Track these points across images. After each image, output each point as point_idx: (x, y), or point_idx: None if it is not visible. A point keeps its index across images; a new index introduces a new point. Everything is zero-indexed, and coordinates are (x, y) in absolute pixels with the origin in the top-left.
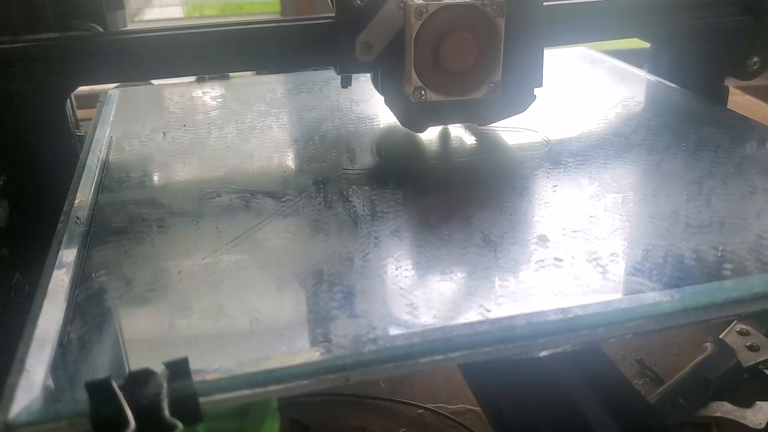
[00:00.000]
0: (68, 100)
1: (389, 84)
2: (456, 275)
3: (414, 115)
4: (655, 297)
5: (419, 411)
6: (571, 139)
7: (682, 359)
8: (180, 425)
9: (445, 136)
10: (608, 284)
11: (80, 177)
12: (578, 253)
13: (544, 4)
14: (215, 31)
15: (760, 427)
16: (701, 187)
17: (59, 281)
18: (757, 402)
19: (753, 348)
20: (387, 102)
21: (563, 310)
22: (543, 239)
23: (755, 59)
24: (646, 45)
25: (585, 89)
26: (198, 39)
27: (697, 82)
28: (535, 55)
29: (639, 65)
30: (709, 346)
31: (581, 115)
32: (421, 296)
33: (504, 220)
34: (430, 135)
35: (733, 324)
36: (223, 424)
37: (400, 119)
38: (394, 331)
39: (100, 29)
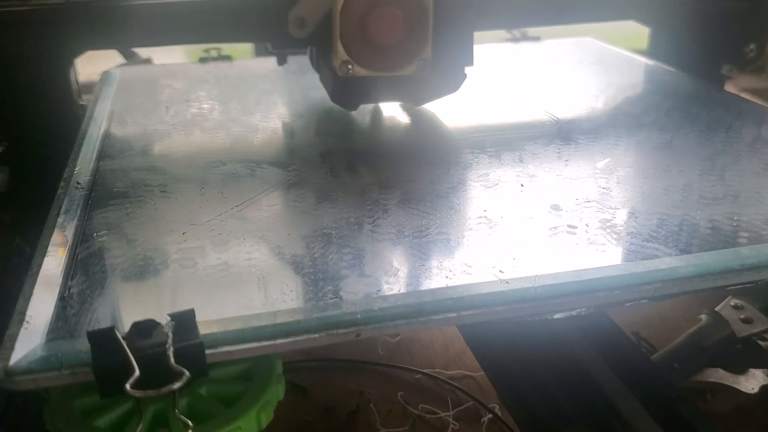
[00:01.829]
0: (72, 70)
1: (322, 60)
2: (469, 240)
3: (343, 91)
4: (672, 262)
5: (417, 376)
6: (581, 119)
7: (678, 333)
8: (187, 372)
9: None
10: (623, 250)
11: (81, 145)
12: (592, 221)
13: None
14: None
15: (752, 392)
16: (714, 163)
17: (59, 240)
18: (751, 369)
19: (747, 321)
20: (321, 79)
21: (578, 272)
22: (556, 208)
23: (752, 46)
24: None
25: (592, 75)
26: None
27: (695, 68)
28: (466, 34)
29: None
30: (704, 317)
31: (589, 98)
32: (434, 259)
33: (516, 191)
34: (441, 113)
35: (727, 299)
36: (228, 387)
37: (330, 95)
38: (405, 289)
39: None
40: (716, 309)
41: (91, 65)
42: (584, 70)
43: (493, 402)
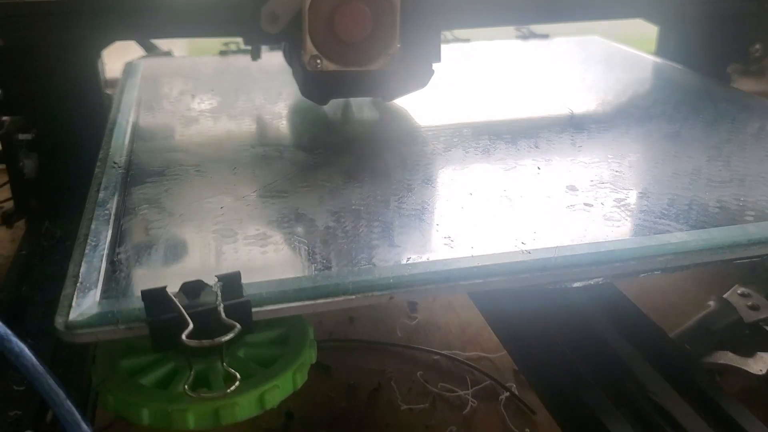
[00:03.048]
0: (99, 60)
1: (294, 55)
2: (490, 216)
3: (313, 85)
4: (683, 236)
5: (435, 357)
6: (592, 110)
7: (686, 319)
8: (238, 325)
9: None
10: (636, 225)
11: (113, 129)
12: (606, 200)
13: None
14: None
15: (760, 373)
16: (721, 150)
17: (103, 214)
18: (758, 352)
19: (754, 307)
20: (293, 74)
21: (595, 245)
22: (572, 188)
23: (758, 46)
24: None
25: (600, 70)
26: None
27: (702, 67)
28: (433, 31)
29: None
30: (712, 304)
31: (599, 92)
32: (458, 232)
33: (533, 173)
34: (455, 103)
35: (734, 287)
36: (265, 351)
37: (300, 89)
38: (432, 258)
39: None
40: (724, 296)
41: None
42: (592, 66)
43: (510, 381)
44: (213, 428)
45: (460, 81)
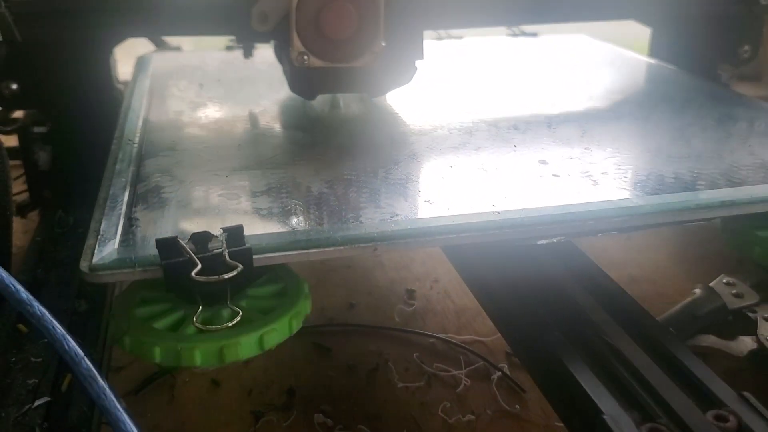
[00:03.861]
0: (111, 56)
1: (283, 53)
2: (468, 184)
3: (300, 81)
4: (638, 200)
5: (431, 340)
6: (571, 98)
7: (673, 306)
8: (240, 266)
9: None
10: (598, 192)
11: (127, 113)
12: (573, 171)
13: None
14: None
15: (741, 355)
16: (684, 132)
17: (119, 181)
18: (740, 336)
19: (738, 295)
20: (283, 71)
21: (558, 207)
22: (543, 162)
23: (746, 47)
24: None
25: (582, 65)
26: None
27: (692, 67)
28: (416, 29)
29: None
30: (697, 291)
31: (580, 82)
32: (438, 197)
33: (510, 150)
34: (443, 92)
35: (720, 276)
36: (265, 302)
37: (289, 85)
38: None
39: None
40: (710, 285)
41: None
42: (575, 60)
43: (502, 363)
44: (218, 366)
45: (450, 74)
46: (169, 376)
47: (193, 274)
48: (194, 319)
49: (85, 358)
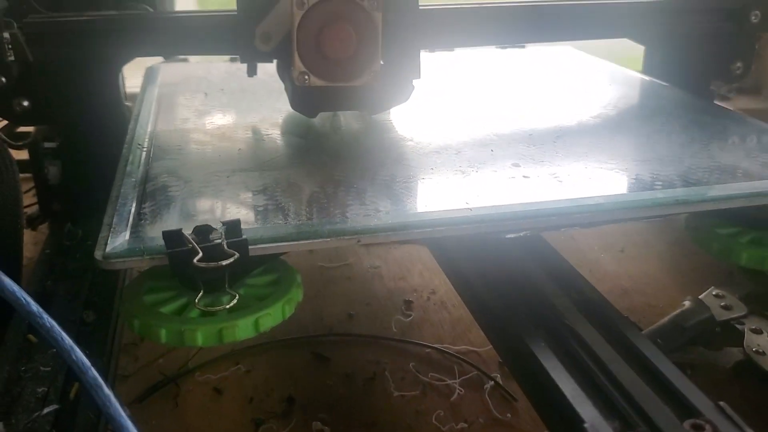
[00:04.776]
0: (120, 74)
1: (285, 71)
2: (445, 185)
3: (302, 99)
4: (599, 199)
5: (427, 350)
6: (550, 105)
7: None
8: (237, 254)
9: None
10: (563, 191)
11: (137, 120)
12: (543, 173)
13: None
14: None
15: (727, 366)
16: (649, 138)
17: (129, 181)
18: (726, 347)
19: (726, 307)
20: (285, 89)
21: (525, 204)
22: (516, 165)
23: (739, 64)
24: None
25: (565, 74)
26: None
27: (685, 84)
28: (413, 49)
29: None
30: (687, 303)
31: (561, 91)
32: (417, 196)
33: (487, 154)
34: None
35: (710, 289)
36: (260, 290)
37: (290, 103)
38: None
39: (151, 10)
40: (699, 297)
41: None
42: (558, 70)
43: (494, 372)
44: (217, 345)
45: (442, 85)
46: (173, 384)
47: (195, 260)
48: (196, 301)
49: (92, 368)
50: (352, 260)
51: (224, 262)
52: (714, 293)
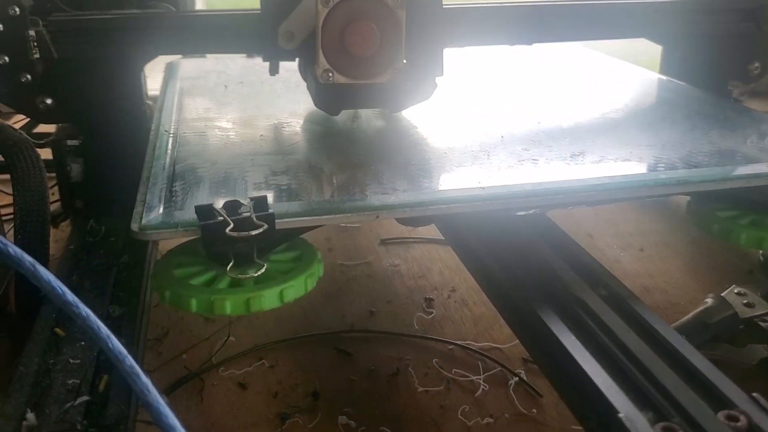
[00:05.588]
0: (142, 73)
1: (308, 69)
2: (459, 167)
3: (325, 97)
4: (604, 179)
5: (450, 347)
6: (558, 96)
7: (685, 316)
8: (265, 225)
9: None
10: (571, 173)
11: (161, 109)
12: (551, 157)
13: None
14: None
15: (752, 363)
16: (653, 126)
17: (159, 163)
18: (750, 344)
19: (749, 305)
20: (308, 87)
21: (534, 183)
22: (526, 149)
23: (756, 64)
24: None
25: (572, 70)
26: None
27: (703, 84)
28: (436, 47)
29: None
30: (709, 301)
31: (568, 84)
32: (433, 176)
33: (498, 140)
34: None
35: (731, 287)
36: (284, 265)
37: (313, 101)
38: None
39: (173, 9)
40: (722, 294)
41: None
42: (566, 66)
43: (519, 369)
44: (244, 314)
45: (454, 78)
46: (198, 379)
47: (227, 230)
48: (227, 269)
49: (129, 356)
50: (372, 258)
51: (254, 232)
52: (736, 291)
